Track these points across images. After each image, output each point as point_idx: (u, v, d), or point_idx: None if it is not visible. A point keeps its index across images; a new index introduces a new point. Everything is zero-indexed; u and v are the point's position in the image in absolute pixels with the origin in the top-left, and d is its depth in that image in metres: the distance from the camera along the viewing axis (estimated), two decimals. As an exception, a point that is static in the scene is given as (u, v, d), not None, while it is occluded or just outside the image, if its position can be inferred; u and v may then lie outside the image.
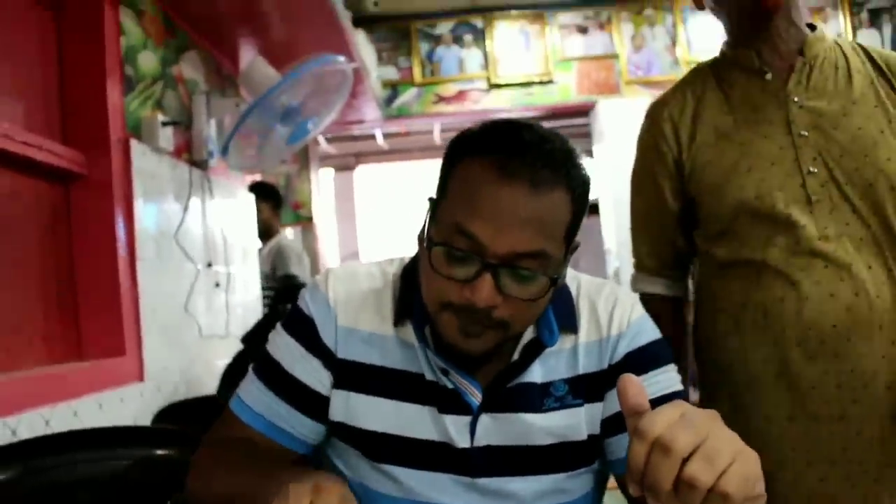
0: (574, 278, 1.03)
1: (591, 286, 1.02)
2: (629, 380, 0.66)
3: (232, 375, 2.49)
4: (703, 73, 1.38)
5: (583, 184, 0.88)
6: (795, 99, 1.26)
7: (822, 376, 1.19)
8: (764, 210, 1.23)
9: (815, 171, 1.22)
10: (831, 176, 1.21)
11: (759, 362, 1.25)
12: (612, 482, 1.03)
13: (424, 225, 0.91)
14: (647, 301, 1.32)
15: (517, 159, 0.83)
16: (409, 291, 0.97)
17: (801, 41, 1.28)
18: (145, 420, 2.11)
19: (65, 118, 2.07)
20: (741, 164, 1.26)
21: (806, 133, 1.24)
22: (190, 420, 2.06)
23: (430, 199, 0.93)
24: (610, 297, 1.00)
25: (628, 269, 1.52)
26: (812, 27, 1.32)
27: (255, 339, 2.56)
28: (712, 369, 1.35)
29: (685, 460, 0.61)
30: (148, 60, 2.38)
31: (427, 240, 0.87)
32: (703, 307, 1.37)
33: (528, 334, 0.95)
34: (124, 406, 2.01)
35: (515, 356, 0.94)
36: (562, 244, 0.87)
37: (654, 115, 1.39)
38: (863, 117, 1.23)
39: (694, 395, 1.43)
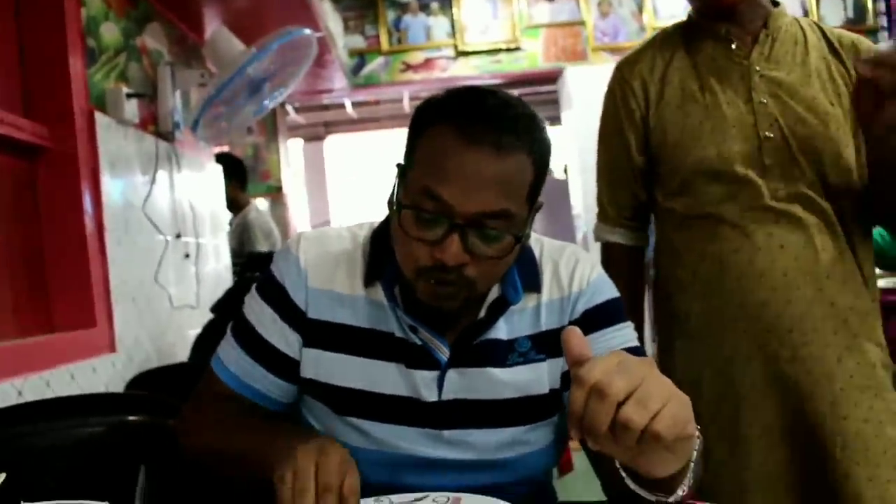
0: (537, 241, 1.08)
1: (553, 248, 1.07)
2: (572, 332, 0.71)
3: (203, 344, 2.52)
4: (673, 37, 1.46)
5: (544, 147, 0.93)
6: (757, 68, 1.35)
7: (776, 320, 1.31)
8: (722, 169, 1.33)
9: (771, 136, 1.32)
10: (785, 141, 1.32)
11: (717, 309, 1.35)
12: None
13: (394, 190, 0.96)
14: (609, 249, 1.44)
15: (481, 124, 0.87)
16: (380, 253, 1.01)
17: (766, 15, 1.38)
18: (118, 389, 2.13)
19: (27, 92, 2.05)
20: (704, 125, 1.35)
21: (765, 100, 1.33)
22: (162, 388, 2.08)
23: (398, 165, 0.97)
24: (571, 258, 1.05)
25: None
26: (775, 3, 1.42)
27: (224, 309, 2.57)
28: (670, 319, 1.44)
29: (620, 404, 0.65)
30: (110, 31, 2.36)
31: (397, 204, 0.92)
32: (663, 260, 1.46)
33: (494, 293, 1.00)
34: (96, 376, 2.04)
35: (482, 314, 0.99)
36: (525, 204, 0.92)
37: (625, 71, 1.47)
38: (816, 90, 1.33)
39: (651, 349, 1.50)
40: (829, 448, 1.28)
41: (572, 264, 1.04)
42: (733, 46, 1.37)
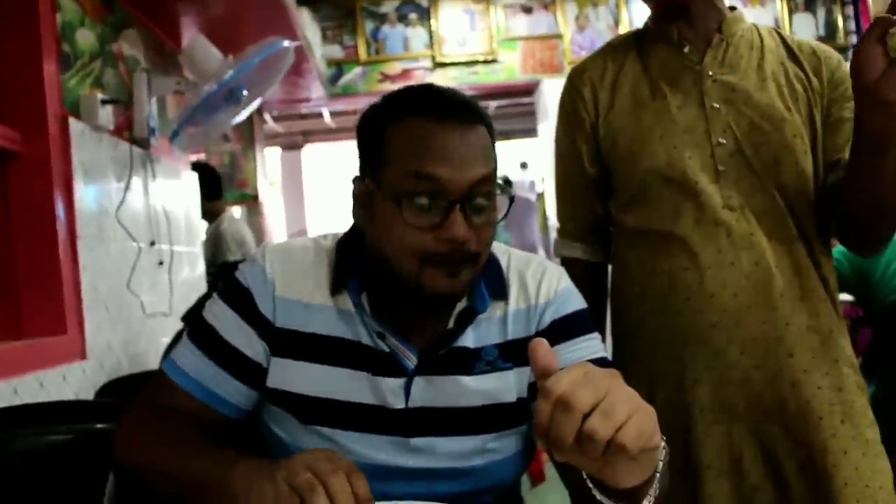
0: (505, 252, 1.09)
1: (520, 259, 1.09)
2: (539, 343, 0.71)
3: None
4: (626, 43, 1.42)
5: (489, 119, 1.00)
6: (710, 73, 1.31)
7: (726, 344, 1.25)
8: (673, 176, 1.28)
9: (724, 142, 1.27)
10: (739, 148, 1.27)
11: (666, 329, 1.30)
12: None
13: (359, 203, 0.99)
14: (569, 265, 1.38)
15: (448, 107, 0.94)
16: (345, 261, 1.02)
17: (720, 19, 1.33)
18: (88, 397, 2.11)
19: (0, 97, 2.04)
20: (654, 130, 1.31)
21: (717, 105, 1.29)
22: (132, 395, 2.07)
23: (356, 178, 0.99)
24: (538, 269, 1.07)
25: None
26: (732, 8, 1.37)
27: (195, 317, 2.55)
28: (622, 336, 1.40)
29: (586, 416, 0.66)
30: (86, 37, 2.35)
31: (393, 199, 0.92)
32: (615, 275, 1.42)
33: (462, 303, 1.01)
34: (66, 384, 2.02)
35: (450, 323, 1.00)
36: (496, 172, 0.97)
37: (575, 79, 1.42)
38: (772, 95, 1.28)
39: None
40: (786, 477, 1.24)
41: (539, 275, 1.06)
42: (686, 50, 1.33)
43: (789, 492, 1.23)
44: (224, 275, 2.80)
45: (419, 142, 0.92)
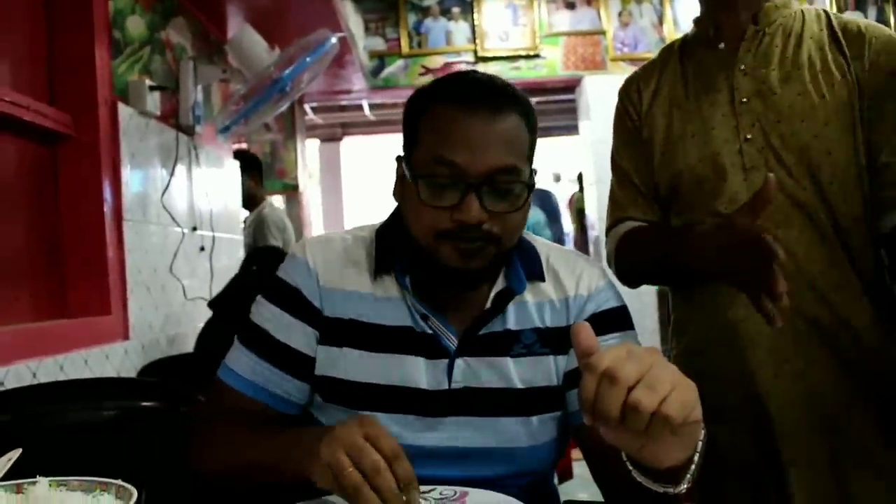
0: (544, 245, 1.11)
1: (561, 252, 1.11)
2: (581, 326, 0.73)
3: (204, 342, 2.52)
4: (672, 50, 1.42)
5: (531, 111, 1.01)
6: (742, 67, 1.28)
7: (756, 336, 1.23)
8: (705, 176, 1.27)
9: (751, 137, 1.25)
10: (767, 142, 1.24)
11: (704, 326, 1.32)
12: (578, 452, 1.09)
13: (398, 180, 1.03)
14: (624, 238, 1.36)
15: (477, 94, 0.96)
16: (387, 247, 1.05)
17: (759, 9, 1.29)
18: (129, 375, 2.16)
19: (52, 80, 2.09)
20: (687, 130, 1.30)
21: (746, 100, 1.26)
22: (172, 376, 2.12)
23: (398, 157, 1.03)
24: (579, 262, 1.09)
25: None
26: None
27: (222, 304, 2.55)
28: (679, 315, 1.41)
29: (630, 389, 0.67)
30: (136, 25, 2.40)
31: (412, 176, 0.97)
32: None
33: (499, 284, 1.04)
34: (109, 363, 2.06)
35: (488, 304, 1.03)
36: (526, 160, 0.99)
37: (625, 87, 1.44)
38: (805, 82, 1.24)
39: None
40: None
41: (580, 268, 1.08)
42: (721, 46, 1.31)
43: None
44: (256, 259, 2.80)
45: (444, 128, 0.96)
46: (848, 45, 1.25)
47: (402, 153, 1.03)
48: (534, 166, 1.02)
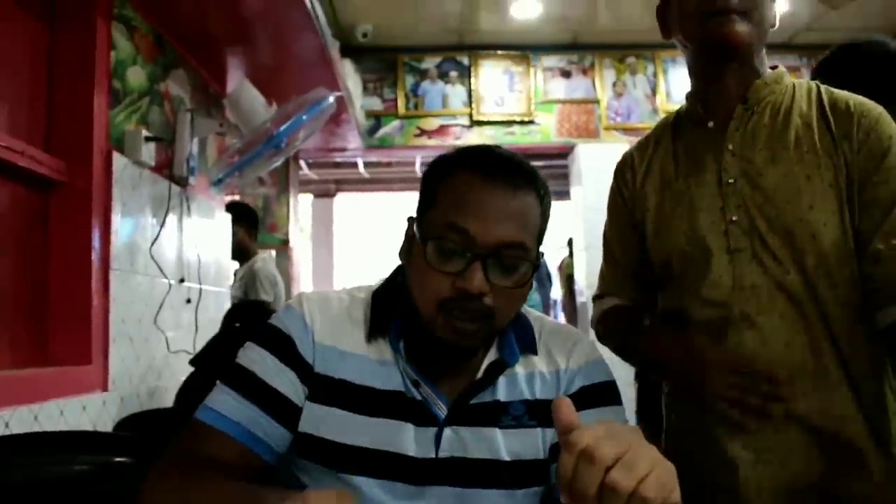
0: (538, 319, 1.12)
1: (553, 326, 1.13)
2: (562, 401, 0.72)
3: (184, 398, 2.45)
4: (666, 125, 1.42)
5: (547, 193, 1.03)
6: (730, 147, 1.27)
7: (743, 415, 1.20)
8: (692, 257, 1.27)
9: (737, 219, 1.23)
10: (752, 224, 1.22)
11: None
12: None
13: (405, 242, 1.03)
14: (605, 313, 1.40)
15: (497, 168, 0.98)
16: (383, 310, 1.04)
17: (748, 84, 1.28)
18: (105, 428, 2.11)
19: (49, 126, 2.10)
20: (676, 211, 1.30)
21: (733, 180, 1.25)
22: (149, 430, 2.07)
23: (410, 218, 1.03)
24: (571, 336, 1.11)
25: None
26: (774, 67, 1.32)
27: (204, 361, 2.47)
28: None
29: (608, 468, 0.66)
30: (136, 75, 2.42)
31: (421, 239, 0.98)
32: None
33: (492, 355, 1.04)
34: (85, 414, 2.02)
35: (479, 374, 1.02)
36: (535, 241, 0.99)
37: (620, 166, 1.45)
38: (792, 163, 1.22)
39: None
40: None
41: (572, 342, 1.09)
42: (710, 125, 1.30)
43: None
44: (238, 315, 2.72)
45: (462, 195, 0.96)
46: (836, 124, 1.22)
47: (414, 214, 1.04)
48: (542, 249, 1.02)
